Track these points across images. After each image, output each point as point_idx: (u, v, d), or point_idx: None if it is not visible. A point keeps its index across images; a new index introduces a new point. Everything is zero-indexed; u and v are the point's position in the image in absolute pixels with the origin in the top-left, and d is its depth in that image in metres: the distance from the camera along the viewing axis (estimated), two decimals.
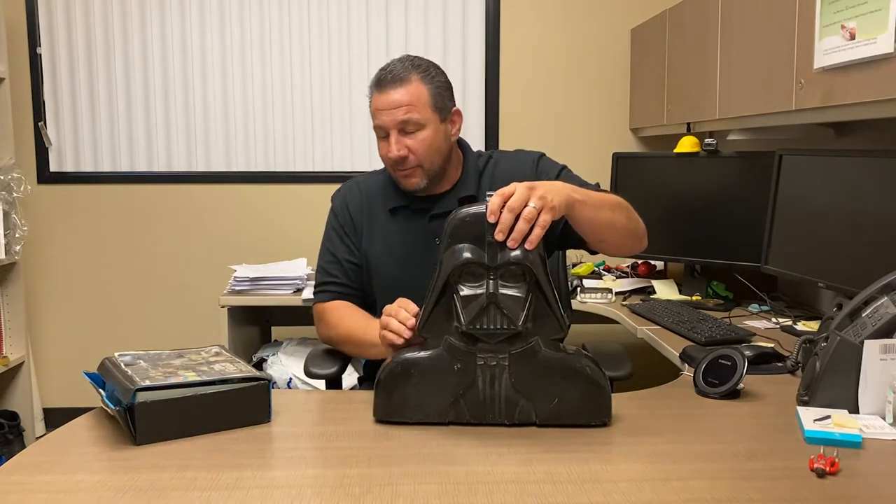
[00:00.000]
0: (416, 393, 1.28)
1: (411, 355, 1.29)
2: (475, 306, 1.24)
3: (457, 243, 1.25)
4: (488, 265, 1.24)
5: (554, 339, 1.28)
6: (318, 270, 1.78)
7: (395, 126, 1.60)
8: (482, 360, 1.27)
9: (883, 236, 1.80)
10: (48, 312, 3.45)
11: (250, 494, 1.04)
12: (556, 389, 1.27)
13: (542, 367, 1.27)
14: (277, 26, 3.32)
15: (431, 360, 1.28)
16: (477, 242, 1.24)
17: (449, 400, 1.28)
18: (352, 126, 3.37)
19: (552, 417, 1.28)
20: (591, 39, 3.36)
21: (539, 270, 1.24)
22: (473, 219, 1.25)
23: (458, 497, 1.03)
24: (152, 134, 3.35)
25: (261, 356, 2.98)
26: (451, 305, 1.26)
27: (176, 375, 1.29)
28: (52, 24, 3.29)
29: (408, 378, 1.28)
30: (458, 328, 1.25)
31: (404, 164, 1.63)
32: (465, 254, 1.24)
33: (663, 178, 2.65)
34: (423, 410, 1.29)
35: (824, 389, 1.35)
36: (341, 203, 1.78)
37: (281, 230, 3.39)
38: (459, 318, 1.24)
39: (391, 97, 1.60)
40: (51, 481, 1.09)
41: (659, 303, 2.41)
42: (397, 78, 1.61)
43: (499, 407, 1.28)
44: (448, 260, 1.25)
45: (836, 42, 1.72)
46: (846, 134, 2.28)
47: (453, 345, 1.27)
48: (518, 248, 1.23)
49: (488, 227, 1.23)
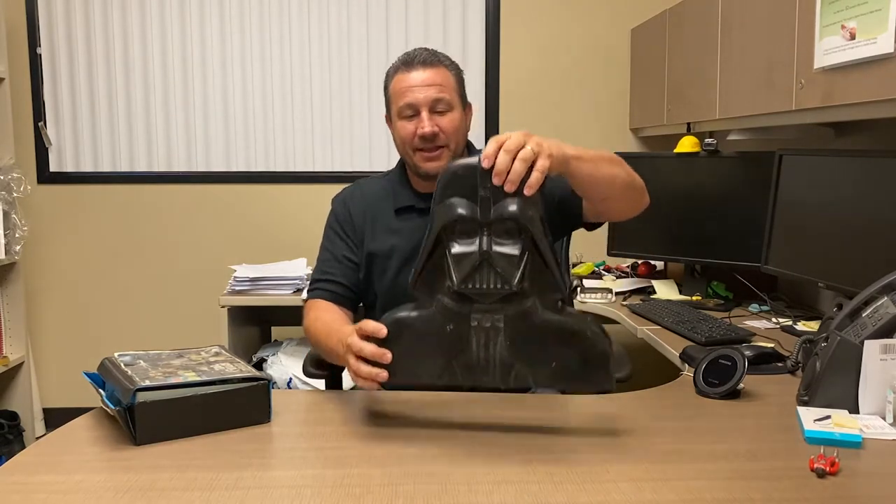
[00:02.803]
0: (406, 355, 1.21)
1: (402, 315, 1.22)
2: (467, 264, 1.17)
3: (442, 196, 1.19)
4: (481, 221, 1.17)
5: (553, 301, 1.21)
6: (315, 270, 1.77)
7: (427, 103, 1.61)
8: (476, 322, 1.20)
9: (883, 236, 1.80)
10: (48, 312, 3.45)
11: (250, 494, 1.04)
12: (555, 353, 1.20)
13: (540, 329, 1.20)
14: (277, 26, 3.32)
15: (423, 321, 1.21)
16: (470, 197, 1.18)
17: (441, 362, 1.22)
18: (352, 126, 3.37)
19: (550, 382, 1.22)
20: (591, 39, 3.36)
21: (536, 227, 1.17)
22: (465, 171, 1.18)
23: (458, 497, 1.03)
24: (152, 134, 3.35)
25: (261, 356, 2.98)
26: (443, 264, 1.19)
27: (176, 375, 1.29)
28: (52, 24, 3.29)
29: (399, 339, 1.21)
30: (451, 287, 1.18)
31: (434, 141, 1.61)
32: (457, 209, 1.17)
33: (663, 178, 2.65)
34: (415, 373, 1.22)
35: (824, 389, 1.35)
36: (341, 204, 1.78)
37: (281, 230, 3.39)
38: (451, 277, 1.18)
39: (423, 76, 1.61)
40: (51, 481, 1.09)
41: (659, 303, 2.41)
42: (427, 61, 1.63)
43: (493, 370, 1.21)
44: (439, 215, 1.18)
45: (836, 42, 1.72)
46: (846, 134, 2.28)
47: (446, 305, 1.20)
48: (514, 201, 1.16)
49: (482, 178, 1.17)
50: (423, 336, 1.22)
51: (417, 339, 1.22)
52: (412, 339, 1.22)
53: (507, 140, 1.17)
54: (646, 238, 2.69)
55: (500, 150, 1.16)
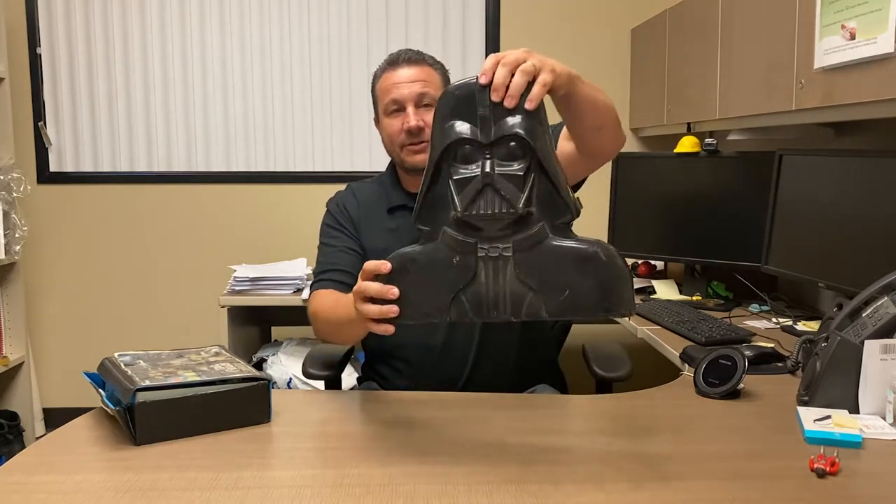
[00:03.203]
0: (413, 291, 1.15)
1: (406, 250, 1.17)
2: (470, 190, 1.11)
3: (441, 120, 1.13)
4: (482, 142, 1.11)
5: (562, 225, 1.14)
6: (316, 266, 1.75)
7: (412, 98, 1.64)
8: (483, 252, 1.13)
9: (883, 236, 1.80)
10: (48, 312, 3.45)
11: (250, 494, 1.04)
12: (567, 279, 1.12)
13: (550, 255, 1.13)
14: (277, 26, 3.32)
15: (427, 254, 1.15)
16: (470, 120, 1.11)
17: (449, 297, 1.15)
18: (352, 126, 3.37)
19: (564, 311, 1.14)
20: (591, 39, 3.36)
21: (541, 143, 1.10)
22: (462, 90, 1.11)
23: (458, 497, 1.03)
24: (152, 134, 3.35)
25: (261, 356, 2.98)
26: (445, 193, 1.14)
27: (176, 375, 1.29)
28: (52, 24, 3.29)
29: (404, 275, 1.16)
30: (455, 216, 1.13)
31: (420, 135, 1.63)
32: (455, 130, 1.11)
33: (663, 178, 2.65)
34: (422, 309, 1.16)
35: (824, 389, 1.35)
36: (337, 205, 1.78)
37: (281, 230, 3.39)
38: (455, 205, 1.12)
39: (408, 72, 1.65)
40: (51, 481, 1.09)
41: (659, 303, 2.41)
42: (412, 59, 1.67)
43: (503, 303, 1.14)
44: (438, 139, 1.13)
45: (836, 42, 1.72)
46: (846, 134, 2.28)
47: (451, 236, 1.14)
48: (516, 117, 1.10)
49: (480, 95, 1.10)
50: (428, 270, 1.15)
51: (423, 273, 1.15)
52: (418, 273, 1.15)
53: (506, 55, 1.11)
54: (646, 238, 2.69)
55: (498, 64, 1.10)
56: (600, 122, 1.39)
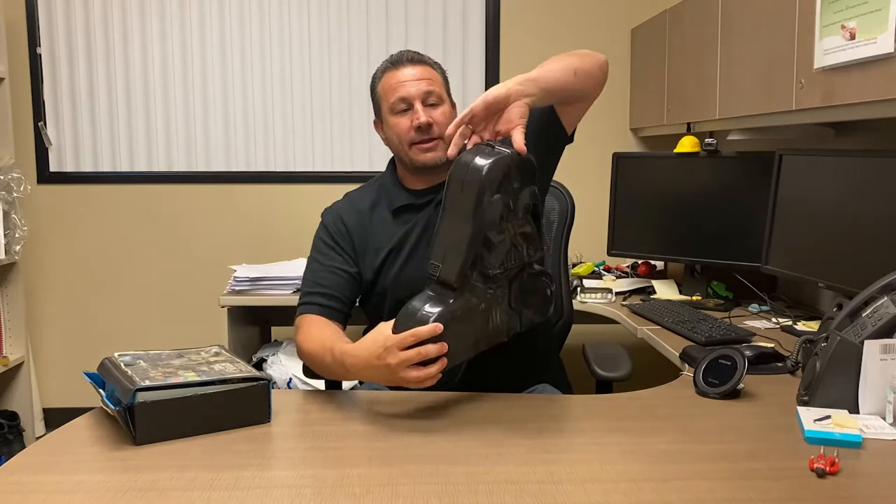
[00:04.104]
0: (452, 342, 1.29)
1: (443, 309, 1.29)
2: (501, 251, 1.33)
3: (485, 196, 1.29)
4: (512, 209, 1.33)
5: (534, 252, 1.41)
6: (304, 282, 1.70)
7: (419, 95, 1.64)
8: (490, 293, 1.35)
9: (883, 236, 1.80)
10: (48, 312, 3.45)
11: (250, 494, 1.04)
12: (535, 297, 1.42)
13: (528, 281, 1.41)
14: (277, 26, 3.32)
15: (462, 307, 1.31)
16: (508, 190, 1.32)
17: (474, 337, 1.34)
18: (352, 126, 3.37)
19: (531, 321, 1.43)
20: (591, 39, 3.36)
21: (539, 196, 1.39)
22: (504, 162, 1.30)
23: (458, 497, 1.03)
24: (152, 134, 3.35)
25: (261, 356, 2.98)
26: (477, 254, 1.31)
27: (176, 375, 1.29)
28: (52, 24, 3.29)
29: (445, 330, 1.28)
30: (485, 272, 1.32)
31: (429, 132, 1.63)
32: (499, 207, 1.31)
33: (663, 178, 2.65)
34: (459, 356, 1.32)
35: (824, 389, 1.35)
36: (334, 217, 1.74)
37: (281, 230, 3.39)
38: (485, 264, 1.31)
39: (413, 71, 1.66)
40: (51, 481, 1.09)
41: (659, 303, 2.41)
42: (415, 59, 1.68)
43: (502, 328, 1.38)
44: (487, 216, 1.29)
45: (836, 42, 1.72)
46: (846, 134, 2.28)
47: (480, 288, 1.33)
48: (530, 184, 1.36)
49: (517, 169, 1.32)
50: (462, 320, 1.31)
51: (460, 324, 1.31)
52: (457, 325, 1.30)
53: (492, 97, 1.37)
54: (646, 238, 2.69)
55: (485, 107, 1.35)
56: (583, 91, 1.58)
